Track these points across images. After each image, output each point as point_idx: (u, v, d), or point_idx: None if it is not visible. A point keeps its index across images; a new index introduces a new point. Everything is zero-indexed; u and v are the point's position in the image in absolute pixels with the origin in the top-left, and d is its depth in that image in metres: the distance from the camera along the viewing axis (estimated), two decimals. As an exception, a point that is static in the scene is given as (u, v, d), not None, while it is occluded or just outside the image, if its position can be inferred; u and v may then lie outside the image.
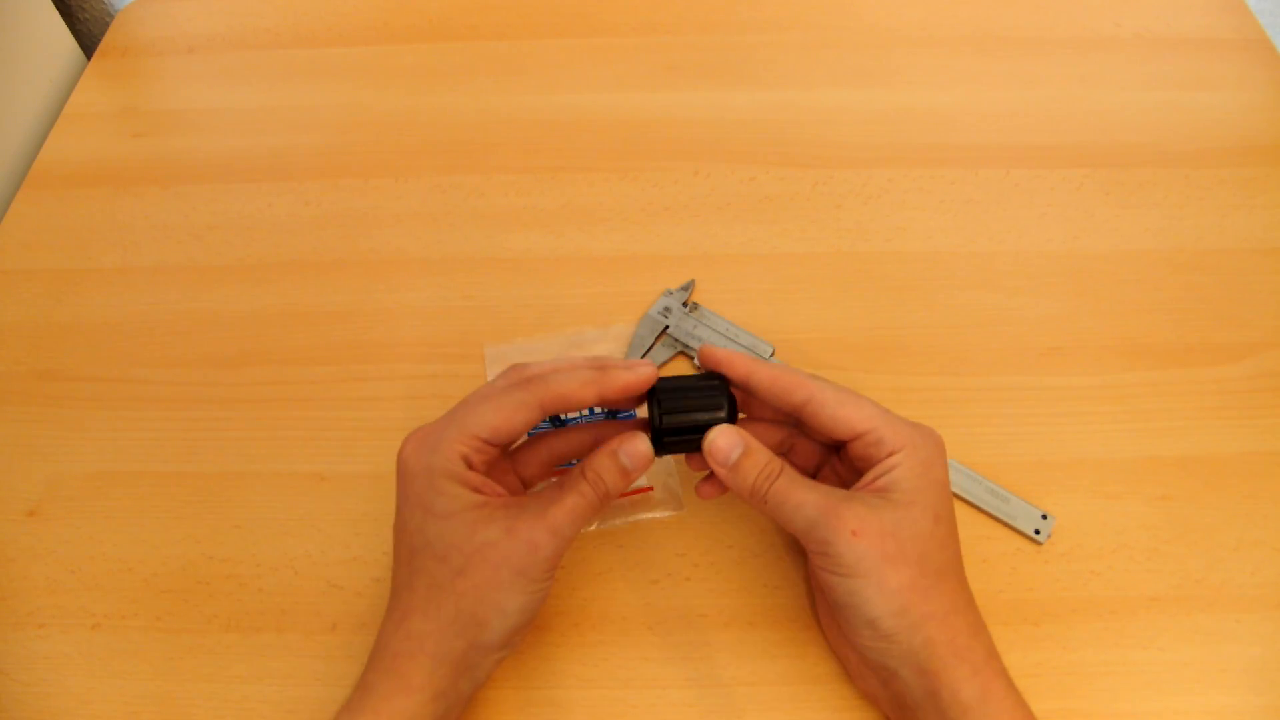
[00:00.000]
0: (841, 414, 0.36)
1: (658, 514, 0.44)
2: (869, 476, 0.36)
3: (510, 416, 0.35)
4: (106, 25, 0.69)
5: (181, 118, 0.62)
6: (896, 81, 0.62)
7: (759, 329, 0.50)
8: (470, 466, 0.35)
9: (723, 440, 0.36)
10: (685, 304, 0.51)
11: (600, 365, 0.37)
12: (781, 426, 0.41)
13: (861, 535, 0.34)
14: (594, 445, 0.38)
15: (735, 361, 0.38)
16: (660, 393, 0.37)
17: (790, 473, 0.36)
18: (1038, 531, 0.43)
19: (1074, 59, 0.62)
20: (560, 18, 0.66)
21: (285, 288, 0.53)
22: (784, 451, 0.41)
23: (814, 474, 0.41)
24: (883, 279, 0.52)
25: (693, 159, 0.58)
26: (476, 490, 0.35)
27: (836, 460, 0.40)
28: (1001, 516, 0.44)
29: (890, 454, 0.36)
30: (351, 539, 0.44)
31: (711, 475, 0.38)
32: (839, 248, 0.54)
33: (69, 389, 0.50)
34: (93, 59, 0.66)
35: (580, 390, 0.36)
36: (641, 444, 0.37)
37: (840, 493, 0.36)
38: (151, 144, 0.61)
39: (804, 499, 0.35)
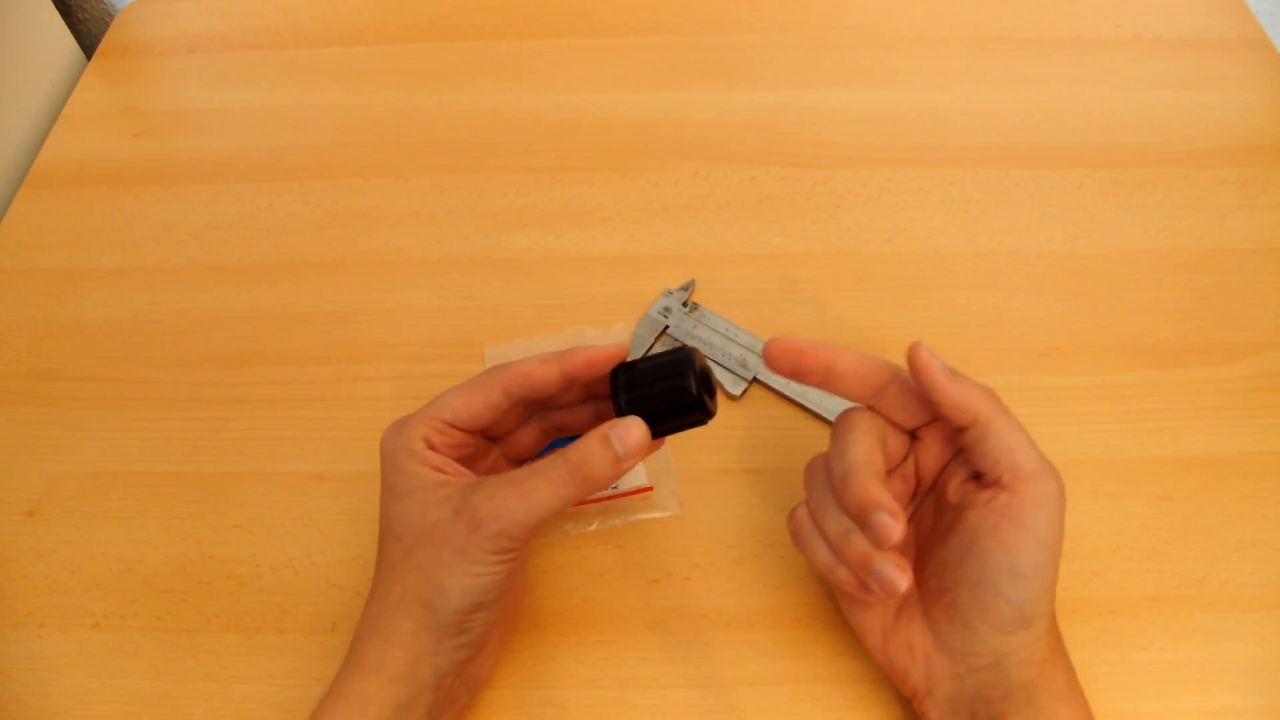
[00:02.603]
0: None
1: (658, 514, 0.44)
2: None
3: (471, 398, 0.36)
4: (106, 25, 0.69)
5: (181, 118, 0.62)
6: (896, 81, 0.62)
7: (759, 329, 0.50)
8: (431, 447, 0.35)
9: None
10: (685, 304, 0.51)
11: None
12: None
13: (1054, 515, 0.33)
14: (592, 422, 0.37)
15: (818, 351, 0.35)
16: (622, 370, 0.35)
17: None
18: (1038, 531, 0.43)
19: (1074, 59, 0.62)
20: (560, 18, 0.66)
21: (285, 288, 0.53)
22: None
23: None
24: (883, 279, 0.52)
25: (693, 159, 0.58)
26: (438, 470, 0.35)
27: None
28: (1001, 516, 0.44)
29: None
30: (351, 539, 0.44)
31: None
32: (839, 248, 0.54)
33: (69, 389, 0.50)
34: (93, 59, 0.66)
35: (541, 367, 0.35)
36: (636, 428, 0.34)
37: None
38: (151, 144, 0.61)
39: (1019, 443, 0.34)
